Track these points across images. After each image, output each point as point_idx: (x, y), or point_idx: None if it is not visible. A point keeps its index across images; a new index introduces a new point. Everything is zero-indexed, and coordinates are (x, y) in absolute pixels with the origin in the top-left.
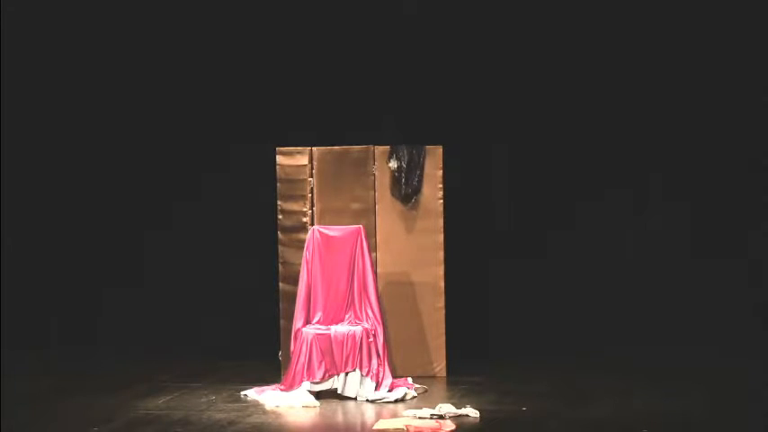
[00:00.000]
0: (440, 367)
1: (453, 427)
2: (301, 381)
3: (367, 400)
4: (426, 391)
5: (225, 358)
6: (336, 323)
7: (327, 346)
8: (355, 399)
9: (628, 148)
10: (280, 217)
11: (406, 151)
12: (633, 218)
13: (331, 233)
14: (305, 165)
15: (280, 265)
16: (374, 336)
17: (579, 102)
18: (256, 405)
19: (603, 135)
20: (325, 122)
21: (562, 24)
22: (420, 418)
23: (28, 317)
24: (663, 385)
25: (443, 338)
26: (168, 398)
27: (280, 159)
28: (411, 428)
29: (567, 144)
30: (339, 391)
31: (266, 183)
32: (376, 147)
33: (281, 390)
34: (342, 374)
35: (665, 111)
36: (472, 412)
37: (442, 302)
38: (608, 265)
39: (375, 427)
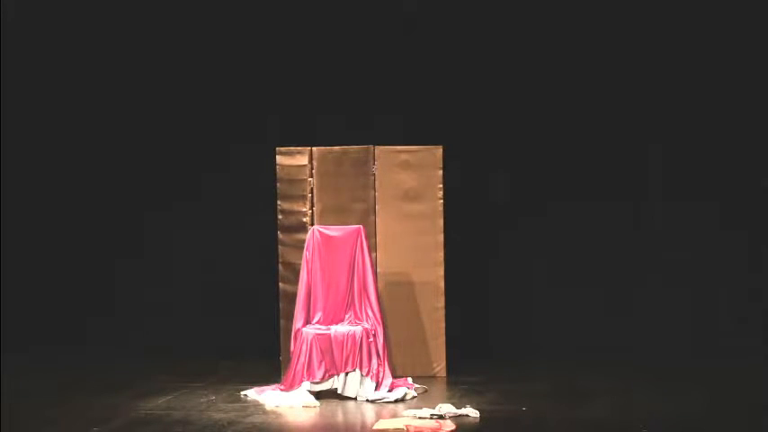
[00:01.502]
0: (440, 367)
1: (453, 427)
2: (301, 381)
3: (367, 400)
4: (426, 391)
5: (225, 358)
6: (336, 323)
7: (327, 346)
8: (355, 399)
9: (627, 148)
10: (280, 217)
11: None
12: (633, 218)
13: (331, 233)
14: (305, 165)
15: (280, 265)
16: (374, 336)
17: (579, 102)
18: (256, 405)
19: (603, 135)
20: (325, 122)
21: (562, 25)
22: (420, 418)
23: (28, 317)
24: (663, 385)
25: (443, 338)
26: (168, 398)
27: (280, 159)
28: (411, 428)
29: (566, 144)
30: (339, 391)
31: (266, 183)
32: (376, 147)
33: (281, 390)
34: (342, 374)
35: (664, 111)
36: (472, 412)
37: (442, 302)
38: (608, 265)
39: (375, 427)
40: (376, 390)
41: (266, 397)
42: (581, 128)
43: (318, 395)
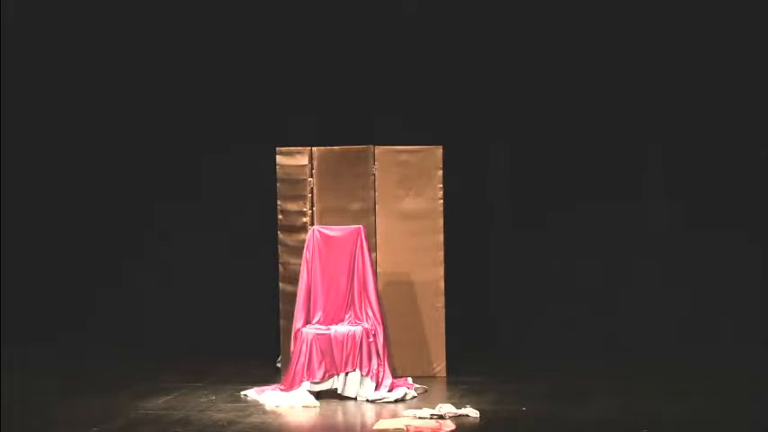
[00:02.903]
0: (440, 367)
1: (453, 427)
2: (301, 381)
3: (367, 400)
4: (426, 391)
5: (225, 358)
6: (336, 323)
7: (327, 346)
8: (355, 399)
9: (627, 147)
10: (280, 217)
11: None
12: (633, 217)
13: (331, 233)
14: (305, 165)
15: (280, 265)
16: (374, 336)
17: (579, 101)
18: (256, 405)
19: (603, 134)
20: (325, 122)
21: (561, 24)
22: (420, 418)
23: (28, 316)
24: (663, 385)
25: (443, 338)
26: (168, 398)
27: (280, 159)
28: (411, 428)
29: (566, 143)
30: (339, 391)
31: (266, 183)
32: (376, 147)
33: (281, 390)
34: (342, 374)
35: (664, 110)
36: (472, 412)
37: (442, 302)
38: (608, 265)
39: (375, 427)
40: (376, 390)
41: (266, 397)
42: (581, 128)
43: (318, 395)
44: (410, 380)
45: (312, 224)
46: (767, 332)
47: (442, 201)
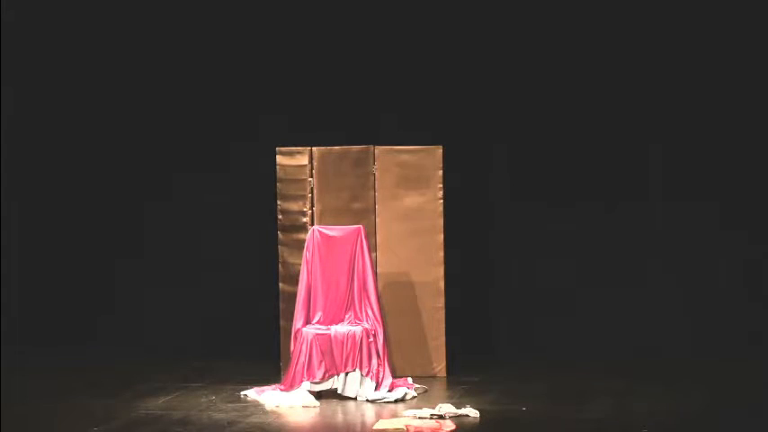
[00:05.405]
0: (440, 367)
1: (453, 427)
2: (301, 381)
3: (367, 400)
4: (426, 391)
5: (225, 358)
6: (336, 323)
7: (327, 346)
8: (355, 399)
9: (628, 147)
10: (280, 217)
11: None
12: (633, 217)
13: (331, 233)
14: (305, 165)
15: (280, 265)
16: (374, 336)
17: (579, 101)
18: (256, 405)
19: (603, 134)
20: (325, 122)
21: (562, 24)
22: (420, 418)
23: (28, 316)
24: (663, 385)
25: (443, 338)
26: (168, 398)
27: (280, 159)
28: (411, 428)
29: (567, 143)
30: (339, 391)
31: (266, 183)
32: (376, 147)
33: (281, 390)
34: (342, 374)
35: (665, 110)
36: (472, 412)
37: (442, 302)
38: (608, 265)
39: (375, 427)
40: (376, 390)
41: (266, 397)
42: (581, 127)
43: (318, 395)
44: (410, 380)
45: (312, 224)
46: (767, 332)
47: (442, 201)
